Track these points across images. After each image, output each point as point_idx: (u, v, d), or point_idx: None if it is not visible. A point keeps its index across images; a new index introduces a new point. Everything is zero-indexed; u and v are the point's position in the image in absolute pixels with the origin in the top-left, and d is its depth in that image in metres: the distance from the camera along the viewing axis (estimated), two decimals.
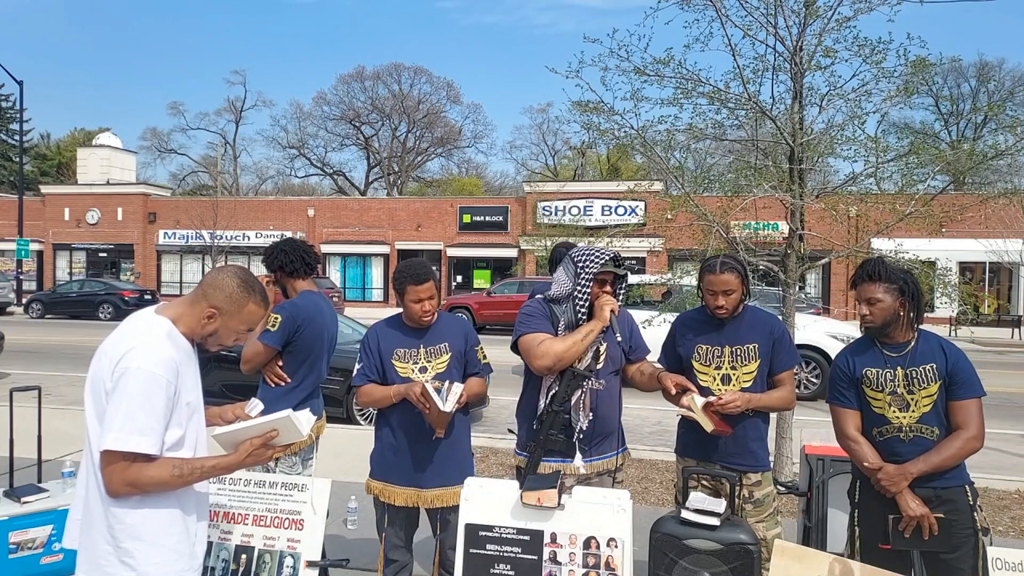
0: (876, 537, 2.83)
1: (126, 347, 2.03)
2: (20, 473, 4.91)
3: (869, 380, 2.86)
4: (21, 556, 3.82)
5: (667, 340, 3.36)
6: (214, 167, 52.00)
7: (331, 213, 33.76)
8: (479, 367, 3.37)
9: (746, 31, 5.74)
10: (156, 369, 2.01)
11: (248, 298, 2.20)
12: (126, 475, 1.99)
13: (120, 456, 1.98)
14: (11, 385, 5.33)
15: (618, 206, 29.18)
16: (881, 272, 2.82)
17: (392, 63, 55.92)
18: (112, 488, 2.01)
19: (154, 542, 2.07)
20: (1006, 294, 27.60)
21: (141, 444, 1.98)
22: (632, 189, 10.13)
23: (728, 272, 3.08)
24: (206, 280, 2.21)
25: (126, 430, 1.96)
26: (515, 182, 54.81)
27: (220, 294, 2.17)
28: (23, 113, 32.29)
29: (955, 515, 2.73)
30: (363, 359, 3.31)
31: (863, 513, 2.89)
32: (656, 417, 9.02)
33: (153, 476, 2.02)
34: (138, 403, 1.98)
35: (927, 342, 2.85)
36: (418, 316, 3.23)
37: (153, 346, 2.05)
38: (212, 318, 2.17)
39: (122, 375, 1.99)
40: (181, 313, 2.18)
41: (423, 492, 3.24)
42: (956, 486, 2.76)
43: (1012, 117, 6.21)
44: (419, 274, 3.18)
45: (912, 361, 2.81)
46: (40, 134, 58.08)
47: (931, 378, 2.78)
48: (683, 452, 3.28)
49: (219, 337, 2.22)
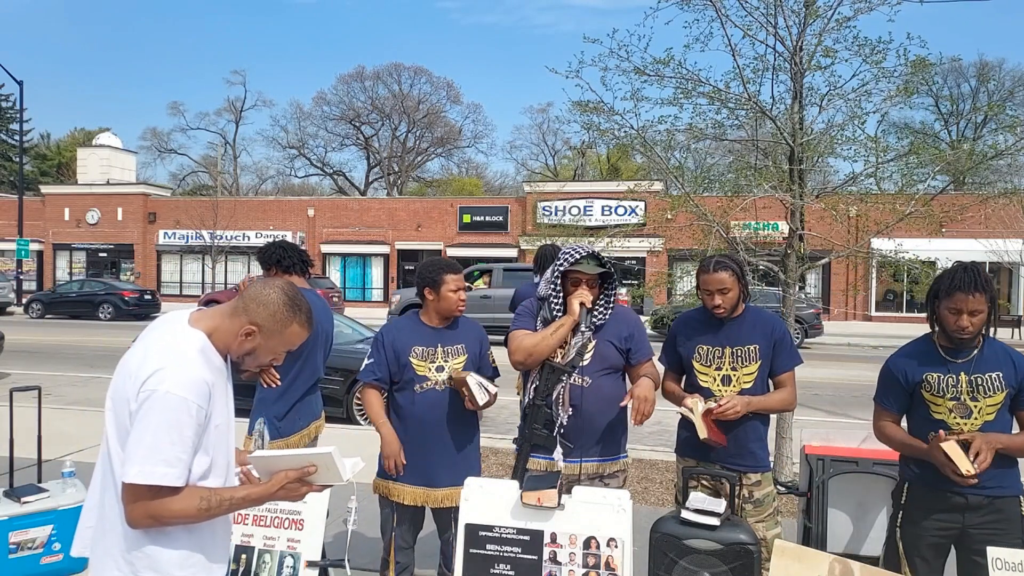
0: (918, 542, 2.77)
1: (154, 366, 1.85)
2: (20, 473, 4.91)
3: (930, 385, 2.76)
4: (21, 556, 3.82)
5: (667, 340, 3.36)
6: (214, 167, 52.00)
7: (331, 213, 33.76)
8: (489, 371, 3.40)
9: (746, 31, 5.74)
10: (186, 394, 1.84)
11: (293, 318, 2.02)
12: (149, 509, 1.84)
13: (144, 489, 1.82)
14: (11, 385, 5.33)
15: (618, 206, 29.19)
16: (988, 283, 2.63)
17: (392, 63, 55.95)
18: (133, 521, 1.86)
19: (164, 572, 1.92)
20: (1006, 294, 27.62)
21: (167, 476, 1.82)
22: (632, 189, 10.12)
23: (722, 271, 3.08)
24: (249, 293, 2.01)
25: (151, 461, 1.80)
26: (515, 182, 54.85)
27: (264, 310, 1.98)
28: (23, 113, 32.27)
29: (1005, 524, 2.67)
30: (373, 355, 3.32)
31: (907, 517, 2.82)
32: (656, 417, 8.98)
33: (178, 511, 1.86)
34: (164, 431, 1.81)
35: (992, 348, 2.76)
36: (455, 306, 3.26)
37: (184, 367, 1.87)
38: (251, 335, 1.98)
39: (148, 398, 1.82)
40: (217, 326, 1.98)
41: (433, 491, 3.25)
42: (1011, 496, 2.70)
43: (1012, 117, 6.21)
44: (452, 264, 3.30)
45: (977, 367, 2.71)
46: (40, 134, 58.11)
47: (997, 386, 2.69)
48: (683, 452, 3.27)
49: (256, 357, 2.03)
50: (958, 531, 2.73)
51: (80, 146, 43.15)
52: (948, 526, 2.73)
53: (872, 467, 3.68)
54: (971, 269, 2.66)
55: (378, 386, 3.30)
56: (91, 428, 7.64)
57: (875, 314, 28.48)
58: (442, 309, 3.28)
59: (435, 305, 3.28)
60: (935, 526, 2.75)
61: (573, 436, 3.02)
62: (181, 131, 68.13)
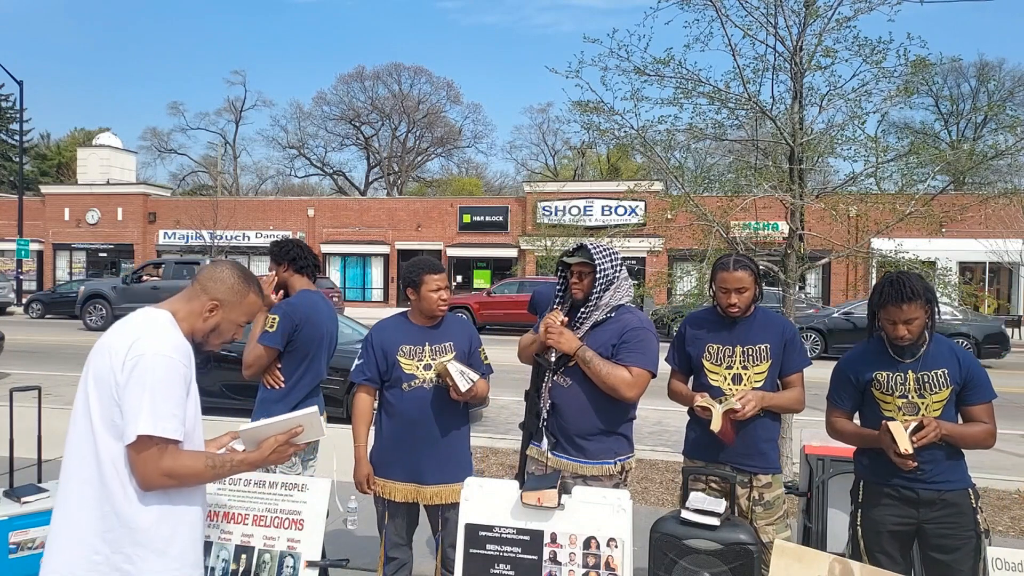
0: (878, 538, 2.82)
1: (133, 337, 1.96)
2: (20, 473, 4.91)
3: (879, 383, 2.84)
4: (21, 556, 3.83)
5: (675, 340, 3.34)
6: (214, 167, 52.00)
7: (331, 213, 33.76)
8: (482, 368, 3.39)
9: (746, 31, 5.75)
10: (171, 353, 1.96)
11: (248, 288, 2.19)
12: (162, 464, 1.91)
13: (154, 443, 1.89)
14: (11, 385, 5.33)
15: (618, 206, 29.18)
16: (916, 291, 2.72)
17: (392, 63, 55.96)
18: (148, 479, 1.91)
19: (160, 550, 1.96)
20: (1006, 294, 27.60)
21: (168, 429, 1.91)
22: (632, 189, 10.16)
23: (741, 270, 3.07)
24: (203, 275, 2.17)
25: (156, 415, 1.89)
26: (515, 182, 54.84)
27: (221, 286, 2.14)
28: (23, 113, 32.26)
29: (958, 518, 2.73)
30: (363, 356, 3.36)
31: (865, 513, 2.88)
32: (656, 417, 9.02)
33: (190, 466, 1.95)
34: (160, 388, 1.91)
35: (938, 346, 2.82)
36: (435, 306, 3.28)
37: (163, 333, 2.00)
38: (214, 311, 2.13)
39: (136, 364, 1.91)
40: (178, 309, 2.12)
41: (423, 488, 3.26)
42: (960, 489, 2.76)
43: (1012, 117, 6.21)
44: (434, 265, 3.32)
45: (924, 365, 2.79)
46: (40, 134, 58.11)
47: (943, 383, 2.76)
48: (692, 453, 3.25)
49: (220, 332, 2.17)
50: (915, 525, 2.77)
51: (80, 146, 43.13)
52: (904, 521, 2.78)
53: None
54: (898, 280, 2.73)
55: (369, 386, 3.33)
56: None
57: None
58: (424, 309, 3.31)
59: (417, 305, 3.33)
60: (892, 520, 2.80)
61: (555, 432, 3.08)
62: (181, 131, 68.25)
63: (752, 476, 3.09)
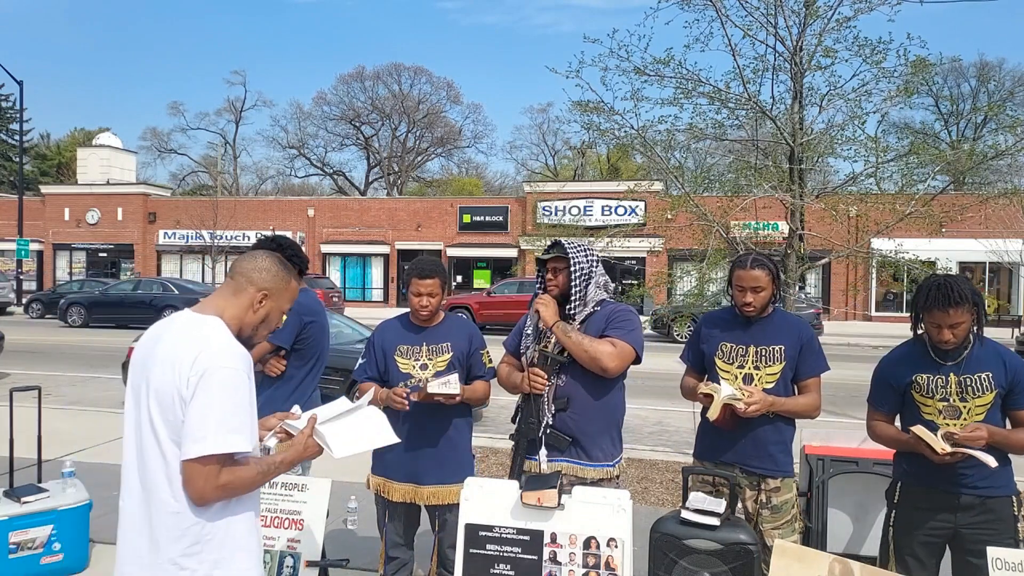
0: (910, 540, 2.78)
1: (195, 351, 1.93)
2: (20, 473, 4.91)
3: (919, 386, 2.76)
4: (21, 556, 3.83)
5: (691, 337, 3.35)
6: (214, 167, 51.99)
7: (331, 213, 33.76)
8: (484, 371, 3.38)
9: (746, 31, 5.76)
10: (236, 364, 1.94)
11: (289, 274, 2.19)
12: (220, 479, 1.90)
13: (215, 459, 1.88)
14: (11, 385, 5.33)
15: (618, 206, 29.18)
16: (963, 295, 2.63)
17: (392, 63, 55.90)
18: (203, 495, 1.91)
19: (240, 547, 2.00)
20: (1006, 294, 27.61)
21: (238, 443, 1.90)
22: (632, 189, 10.15)
23: (759, 268, 3.05)
24: (244, 268, 2.13)
25: (223, 430, 1.88)
26: (515, 182, 54.83)
27: (267, 275, 2.12)
28: (23, 113, 32.25)
29: (998, 524, 2.67)
30: (366, 355, 3.39)
31: (900, 514, 2.83)
32: (656, 417, 9.02)
33: (244, 476, 1.94)
34: (227, 401, 1.90)
35: (984, 348, 2.74)
36: (415, 309, 3.29)
37: (223, 344, 1.97)
38: (263, 301, 2.11)
39: (201, 377, 1.89)
40: (224, 307, 2.08)
41: (421, 488, 3.25)
42: (1003, 496, 2.70)
43: (1012, 117, 6.22)
44: (424, 269, 3.26)
45: (967, 368, 2.71)
46: (40, 134, 58.08)
47: (987, 387, 2.68)
48: (701, 455, 3.22)
49: (268, 322, 2.16)
50: (951, 531, 2.72)
51: (80, 146, 43.13)
52: (941, 525, 2.73)
53: (872, 467, 3.68)
54: (945, 285, 2.65)
55: (371, 385, 3.32)
56: (91, 428, 7.64)
57: (875, 314, 28.46)
58: (412, 314, 3.34)
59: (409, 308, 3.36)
60: (928, 525, 2.75)
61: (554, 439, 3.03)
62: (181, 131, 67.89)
63: (761, 479, 3.06)
